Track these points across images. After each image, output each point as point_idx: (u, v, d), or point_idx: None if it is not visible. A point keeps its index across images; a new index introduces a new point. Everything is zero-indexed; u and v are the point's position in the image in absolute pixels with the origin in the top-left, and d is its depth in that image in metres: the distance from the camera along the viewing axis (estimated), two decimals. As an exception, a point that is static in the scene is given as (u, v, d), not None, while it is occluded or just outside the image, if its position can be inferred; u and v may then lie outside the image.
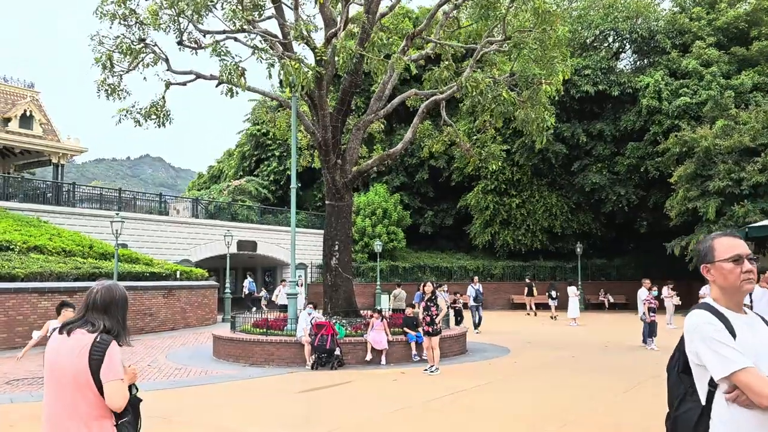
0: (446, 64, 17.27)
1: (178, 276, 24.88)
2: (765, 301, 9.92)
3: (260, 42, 14.25)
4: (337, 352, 14.09)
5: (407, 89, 24.85)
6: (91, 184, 43.48)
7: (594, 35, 39.99)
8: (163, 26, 15.24)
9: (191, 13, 14.44)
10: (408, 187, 43.52)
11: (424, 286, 14.13)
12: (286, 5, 16.09)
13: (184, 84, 16.85)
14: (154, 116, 16.48)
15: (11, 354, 15.14)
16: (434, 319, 13.33)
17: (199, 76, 16.54)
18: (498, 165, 21.04)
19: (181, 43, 15.29)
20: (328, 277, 17.05)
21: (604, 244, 40.92)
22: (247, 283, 33.00)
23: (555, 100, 21.15)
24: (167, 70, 16.24)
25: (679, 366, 2.86)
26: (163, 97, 16.63)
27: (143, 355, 16.26)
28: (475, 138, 19.93)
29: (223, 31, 15.17)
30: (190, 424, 8.90)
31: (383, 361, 14.53)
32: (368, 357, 14.46)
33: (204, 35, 15.54)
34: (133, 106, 16.30)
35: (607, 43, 41.43)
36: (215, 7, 14.62)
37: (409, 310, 16.11)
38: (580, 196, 38.11)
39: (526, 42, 15.31)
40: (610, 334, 22.08)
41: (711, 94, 32.25)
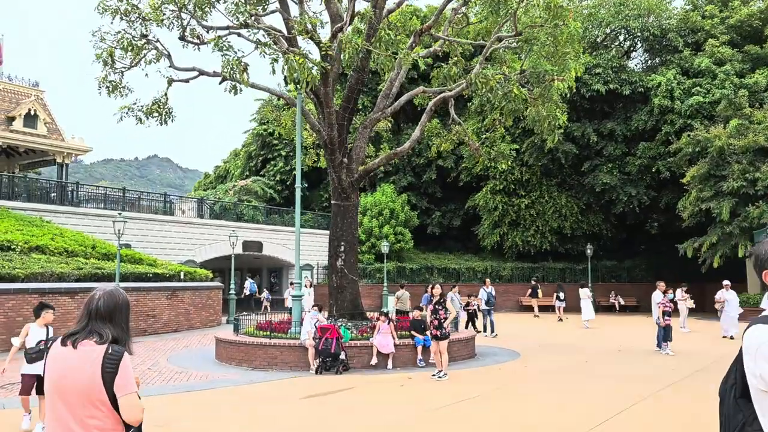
0: (455, 60, 16.84)
1: (182, 277, 24.54)
2: None
3: (263, 36, 13.85)
4: (342, 356, 13.67)
5: (415, 88, 24.45)
6: (98, 185, 43.25)
7: (605, 34, 39.47)
8: (165, 22, 14.91)
9: (193, 7, 14.08)
10: (415, 188, 43.08)
11: (432, 288, 13.68)
12: (292, 0, 15.73)
13: (186, 81, 16.49)
14: (156, 114, 16.13)
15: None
16: (442, 323, 12.88)
17: (201, 72, 16.19)
18: (507, 164, 20.59)
19: (183, 38, 14.93)
20: (334, 278, 16.66)
21: (615, 245, 40.39)
22: (247, 284, 32.67)
23: (566, 98, 20.68)
24: (170, 66, 15.91)
25: (737, 390, 2.43)
26: (166, 94, 16.29)
27: (144, 358, 15.90)
28: (484, 137, 19.46)
29: (227, 27, 14.80)
30: (186, 433, 8.53)
31: (389, 365, 14.11)
32: (374, 361, 14.04)
33: (207, 31, 15.19)
34: (135, 104, 15.96)
35: (618, 42, 40.90)
36: (218, 1, 14.26)
37: (416, 313, 15.68)
38: (591, 196, 37.57)
39: (538, 37, 14.86)
40: (622, 337, 21.58)
41: (724, 93, 31.71)
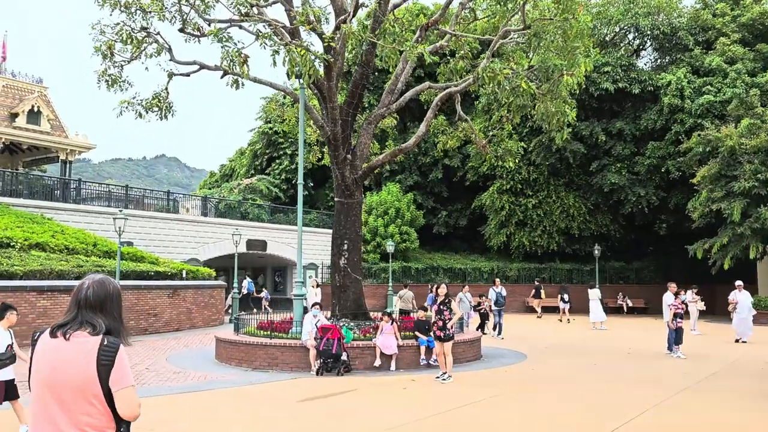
0: (462, 53, 16.44)
1: (184, 275, 24.23)
2: None
3: (264, 27, 13.49)
4: (344, 357, 13.31)
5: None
6: (101, 182, 43.04)
7: (614, 32, 38.99)
8: (167, 16, 14.58)
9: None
10: (421, 187, 42.70)
11: (437, 288, 13.28)
12: (295, -7, 15.39)
13: (187, 75, 16.19)
14: (156, 108, 15.82)
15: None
16: (446, 324, 12.50)
17: (203, 66, 15.89)
18: (515, 162, 20.17)
19: (183, 30, 14.61)
20: (337, 277, 16.30)
21: (623, 246, 39.86)
22: (246, 283, 32.35)
23: (575, 95, 20.27)
24: (170, 60, 15.60)
25: None
26: (166, 88, 15.98)
27: (143, 357, 15.60)
28: (491, 134, 19.07)
29: (229, 20, 14.48)
30: (179, 437, 8.20)
31: (392, 366, 13.75)
32: (377, 362, 13.67)
33: (209, 24, 14.86)
34: (134, 98, 15.65)
35: (627, 40, 40.41)
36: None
37: (421, 314, 15.34)
38: (599, 196, 37.08)
39: (547, 31, 14.44)
40: (631, 339, 21.15)
41: (736, 92, 31.18)
